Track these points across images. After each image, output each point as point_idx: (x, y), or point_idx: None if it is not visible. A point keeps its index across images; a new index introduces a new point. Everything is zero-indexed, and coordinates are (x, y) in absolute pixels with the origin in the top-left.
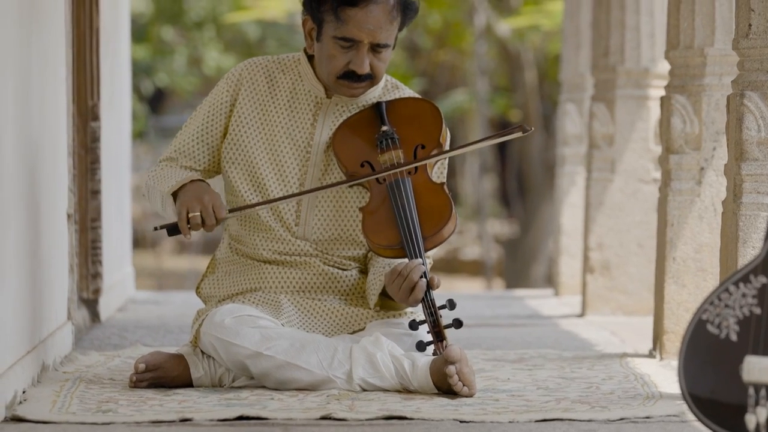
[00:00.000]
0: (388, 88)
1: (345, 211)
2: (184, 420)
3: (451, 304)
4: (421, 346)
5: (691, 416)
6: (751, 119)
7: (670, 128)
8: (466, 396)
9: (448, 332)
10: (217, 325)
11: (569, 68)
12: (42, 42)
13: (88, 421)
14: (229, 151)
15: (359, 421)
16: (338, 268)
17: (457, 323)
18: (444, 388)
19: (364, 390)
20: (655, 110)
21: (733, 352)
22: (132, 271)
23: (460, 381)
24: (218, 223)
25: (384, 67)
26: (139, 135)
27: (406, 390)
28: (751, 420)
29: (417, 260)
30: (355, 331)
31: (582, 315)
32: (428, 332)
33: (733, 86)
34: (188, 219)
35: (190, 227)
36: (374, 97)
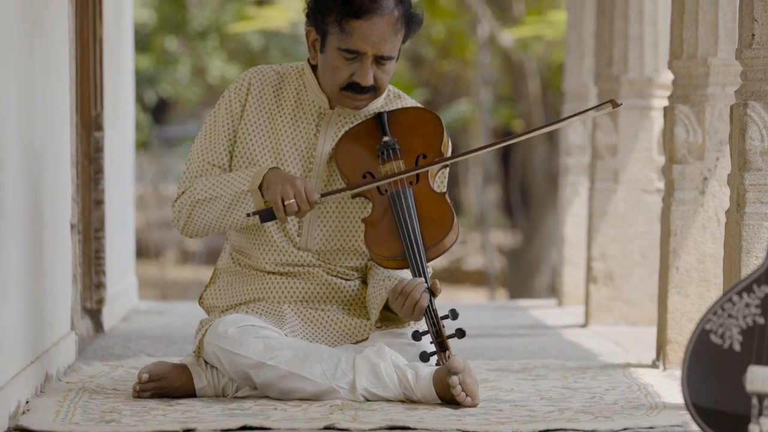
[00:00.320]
0: (390, 98)
1: (348, 222)
2: (187, 430)
3: (454, 314)
4: (424, 357)
5: (694, 426)
6: (755, 129)
7: (674, 138)
8: (470, 406)
9: (452, 342)
10: (221, 335)
11: (572, 78)
12: (45, 52)
13: (92, 431)
14: (237, 158)
15: None
16: (341, 278)
17: (460, 333)
18: (447, 398)
19: (368, 400)
20: (658, 120)
21: (737, 362)
22: (135, 281)
23: (463, 391)
24: (311, 207)
25: (387, 79)
26: (142, 145)
27: (409, 400)
28: (754, 430)
29: (418, 279)
30: (358, 341)
31: (585, 325)
32: (431, 342)
33: (736, 96)
34: (284, 206)
35: (286, 213)
36: (376, 107)
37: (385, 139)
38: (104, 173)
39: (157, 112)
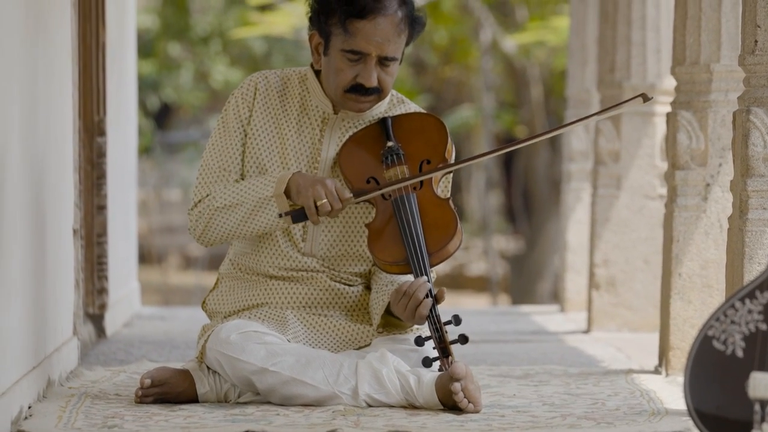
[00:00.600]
0: (394, 103)
1: (351, 227)
2: None
3: (457, 320)
4: (427, 362)
5: None
6: (757, 135)
7: (676, 144)
8: (472, 412)
9: (454, 348)
10: (223, 341)
11: (575, 84)
12: (48, 57)
13: None
14: (246, 161)
15: None
16: (345, 283)
17: (463, 339)
18: (449, 404)
19: (370, 406)
20: (661, 126)
21: (739, 369)
22: (138, 287)
23: (465, 398)
24: (344, 207)
25: (391, 81)
26: (145, 150)
27: (411, 406)
28: None
29: (422, 278)
30: (360, 347)
31: (588, 331)
32: (434, 348)
33: (739, 102)
34: (316, 207)
35: (318, 214)
36: (380, 112)
37: (389, 144)
38: (107, 178)
39: (160, 117)
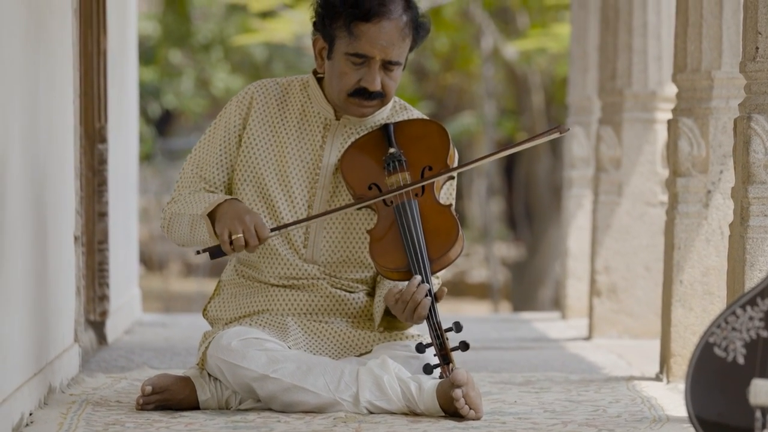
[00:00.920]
0: (396, 110)
1: (353, 233)
2: None
3: (458, 327)
4: (428, 369)
5: None
6: (758, 142)
7: (677, 151)
8: (473, 419)
9: (455, 355)
10: (224, 348)
11: (576, 91)
12: (49, 64)
13: None
14: (240, 171)
15: None
16: (346, 290)
17: (464, 346)
18: (451, 411)
19: (371, 413)
20: (662, 133)
21: (740, 375)
22: (139, 294)
23: (466, 404)
24: (261, 243)
25: (394, 86)
26: (146, 157)
27: (413, 413)
28: None
29: (418, 278)
30: (362, 354)
31: (589, 338)
32: (435, 355)
33: (740, 109)
34: (231, 241)
35: (233, 249)
36: (382, 118)
37: (391, 150)
38: (108, 185)
39: (161, 124)
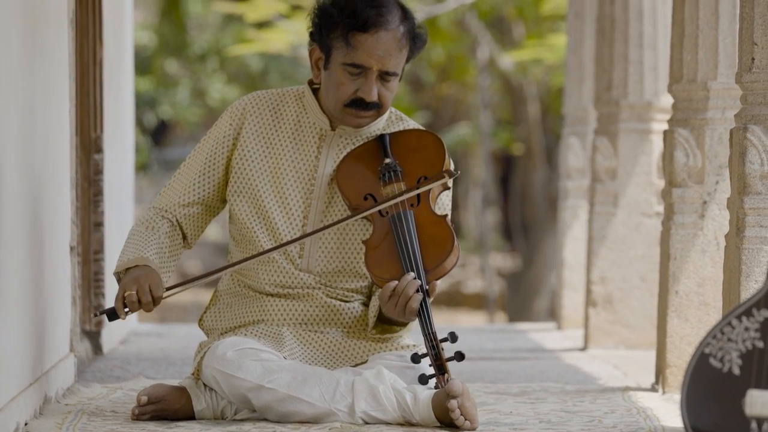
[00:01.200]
0: (392, 120)
1: (348, 243)
2: None
3: (453, 337)
4: (423, 379)
5: None
6: (754, 153)
7: (673, 162)
8: (469, 430)
9: (451, 365)
10: (219, 358)
11: (572, 102)
12: (45, 74)
13: None
14: (234, 184)
15: None
16: (341, 300)
17: (459, 356)
18: (446, 421)
19: (367, 423)
20: (658, 144)
21: (736, 386)
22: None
23: (462, 415)
24: (155, 302)
25: (391, 97)
26: (142, 167)
27: (408, 423)
28: None
29: (410, 275)
30: (357, 364)
31: (584, 348)
32: (430, 365)
33: (736, 120)
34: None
35: (127, 309)
36: (378, 129)
37: (387, 161)
38: (104, 195)
39: (157, 134)
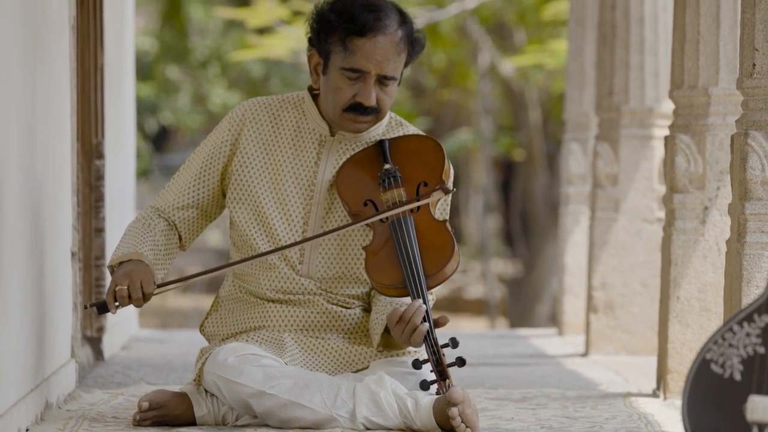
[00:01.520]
0: (392, 126)
1: (349, 249)
2: None
3: (454, 343)
4: (424, 385)
5: None
6: (755, 159)
7: (674, 168)
8: None
9: (452, 371)
10: (220, 364)
11: (573, 107)
12: (46, 80)
13: None
14: (234, 190)
15: None
16: (342, 306)
17: (460, 362)
18: (447, 427)
19: (368, 429)
20: (659, 150)
21: (737, 392)
22: (135, 309)
23: (462, 423)
24: (146, 298)
25: (390, 102)
26: (143, 173)
27: (409, 429)
28: None
29: (418, 302)
30: (358, 370)
31: (586, 354)
32: (431, 371)
33: (737, 125)
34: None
35: (117, 304)
36: (378, 134)
37: (387, 166)
38: (105, 201)
39: (158, 140)
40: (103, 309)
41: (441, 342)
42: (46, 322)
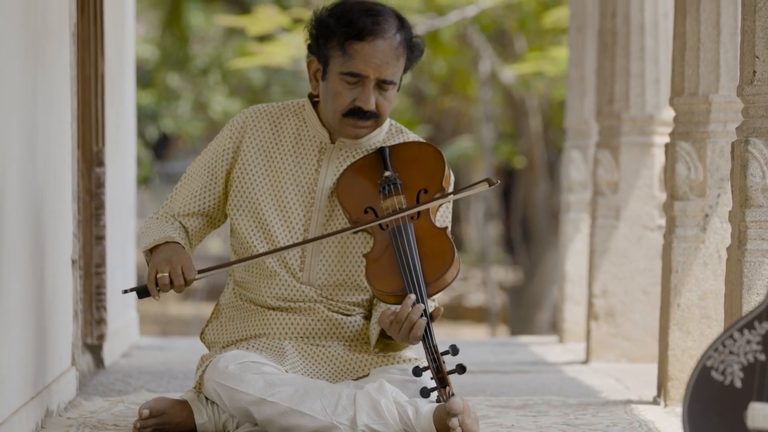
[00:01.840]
0: (392, 133)
1: (349, 256)
2: None
3: (454, 350)
4: (425, 392)
5: None
6: (756, 166)
7: (675, 175)
8: None
9: (452, 378)
10: (221, 372)
11: (574, 115)
12: (47, 87)
13: None
14: (235, 198)
15: None
16: (342, 314)
17: (461, 369)
18: None
19: None
20: (659, 157)
21: (738, 399)
22: (136, 317)
23: None
24: (187, 284)
25: (389, 107)
26: (143, 181)
27: None
28: None
29: (412, 298)
30: (359, 378)
31: (586, 362)
32: (432, 378)
33: (737, 133)
34: (157, 280)
35: (159, 289)
36: (378, 141)
37: (387, 174)
38: (105, 209)
39: (159, 148)
40: (143, 294)
41: (441, 349)
42: (47, 329)
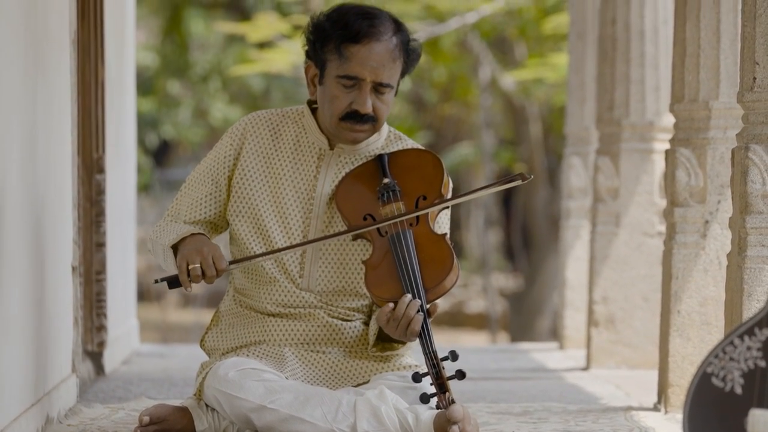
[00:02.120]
0: (391, 139)
1: (349, 263)
2: None
3: (454, 356)
4: (424, 398)
5: None
6: (756, 172)
7: (675, 181)
8: None
9: (453, 384)
10: (221, 379)
11: (574, 121)
12: (47, 94)
13: None
14: (235, 204)
15: None
16: (342, 319)
17: (460, 374)
18: None
19: None
20: (659, 163)
21: (738, 405)
22: (137, 324)
23: None
24: (219, 274)
25: (386, 110)
26: (144, 188)
27: None
28: None
29: (408, 296)
30: (359, 384)
31: (587, 368)
32: (431, 384)
33: (737, 139)
34: (188, 271)
35: (190, 279)
36: (377, 148)
37: (386, 180)
38: (106, 216)
39: (159, 154)
40: (174, 284)
41: (441, 355)
42: (47, 336)
